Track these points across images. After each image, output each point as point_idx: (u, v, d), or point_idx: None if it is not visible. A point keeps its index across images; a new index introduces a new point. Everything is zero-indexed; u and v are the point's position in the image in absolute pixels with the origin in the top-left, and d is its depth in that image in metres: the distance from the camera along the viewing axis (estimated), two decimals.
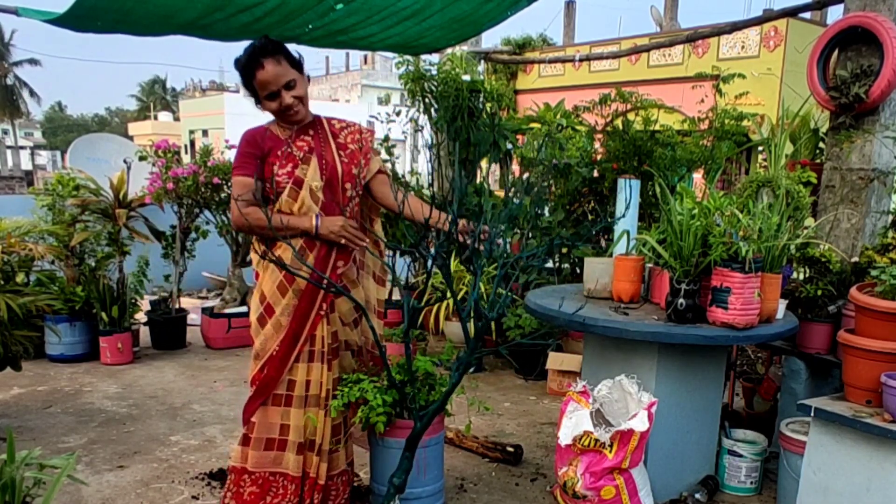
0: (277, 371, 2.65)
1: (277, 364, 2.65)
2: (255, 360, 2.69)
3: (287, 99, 2.57)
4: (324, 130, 2.75)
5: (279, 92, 2.56)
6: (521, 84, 11.14)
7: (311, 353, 2.68)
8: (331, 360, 2.72)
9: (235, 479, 2.72)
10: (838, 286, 3.30)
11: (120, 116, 58.17)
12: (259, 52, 2.55)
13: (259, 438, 2.68)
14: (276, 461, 2.69)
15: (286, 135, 2.67)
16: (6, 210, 5.16)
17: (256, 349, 2.69)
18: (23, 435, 3.74)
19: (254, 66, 2.54)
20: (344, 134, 2.78)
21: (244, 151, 2.64)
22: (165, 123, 35.80)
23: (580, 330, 3.10)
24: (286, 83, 2.56)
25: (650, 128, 5.09)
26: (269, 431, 2.68)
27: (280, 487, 2.70)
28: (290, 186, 2.61)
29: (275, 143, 2.65)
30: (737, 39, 8.77)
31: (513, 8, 4.28)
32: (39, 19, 3.49)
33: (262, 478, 2.69)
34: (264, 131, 2.68)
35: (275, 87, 2.55)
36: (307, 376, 2.68)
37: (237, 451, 2.73)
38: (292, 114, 2.62)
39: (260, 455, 2.68)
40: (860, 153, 3.54)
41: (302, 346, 2.66)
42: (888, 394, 2.40)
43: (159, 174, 5.49)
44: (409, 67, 5.58)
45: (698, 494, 3.13)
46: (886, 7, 3.41)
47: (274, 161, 2.62)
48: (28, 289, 4.22)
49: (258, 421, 2.67)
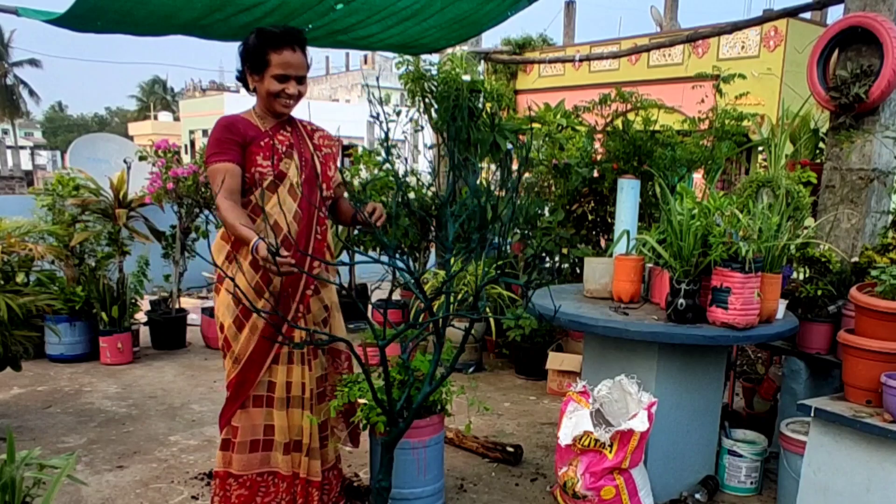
0: (254, 373, 2.59)
1: (254, 366, 2.59)
2: (235, 363, 2.61)
3: (292, 89, 2.55)
4: (300, 129, 2.72)
5: (289, 79, 2.54)
6: (521, 84, 11.16)
7: (289, 355, 2.63)
8: (311, 359, 2.68)
9: (220, 483, 2.68)
10: (838, 286, 3.30)
11: (120, 116, 58.20)
12: (296, 36, 2.54)
13: (244, 442, 2.63)
14: (263, 461, 2.66)
15: (266, 126, 2.60)
16: (6, 210, 5.16)
17: (237, 353, 2.59)
18: (23, 435, 3.74)
19: (286, 43, 2.50)
20: (317, 136, 2.75)
21: (225, 137, 2.52)
22: (165, 123, 35.82)
23: (580, 330, 3.10)
24: (300, 77, 2.56)
25: (650, 128, 5.09)
26: (254, 433, 2.64)
27: (271, 486, 2.67)
28: (272, 180, 2.54)
29: (256, 133, 2.57)
30: (737, 39, 8.78)
31: (513, 8, 4.29)
32: (39, 19, 3.50)
33: (251, 480, 2.65)
34: (242, 120, 2.60)
35: (292, 73, 2.53)
36: (287, 378, 2.63)
37: (219, 457, 2.68)
38: (286, 105, 2.58)
39: (246, 458, 2.64)
40: (860, 153, 3.54)
41: (279, 348, 2.60)
42: (888, 394, 2.40)
43: (159, 174, 5.48)
44: (409, 67, 5.58)
45: (698, 494, 3.13)
46: (886, 7, 3.41)
47: (257, 151, 2.54)
48: (28, 289, 4.22)
49: (241, 425, 2.62)
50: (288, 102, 2.58)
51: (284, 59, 2.50)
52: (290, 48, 2.51)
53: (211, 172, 2.52)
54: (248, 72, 2.57)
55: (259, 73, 2.54)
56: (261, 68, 2.53)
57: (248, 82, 2.60)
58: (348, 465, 3.46)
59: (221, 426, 2.68)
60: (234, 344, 2.60)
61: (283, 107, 2.58)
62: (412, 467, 2.83)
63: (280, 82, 2.52)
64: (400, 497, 2.84)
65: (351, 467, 3.45)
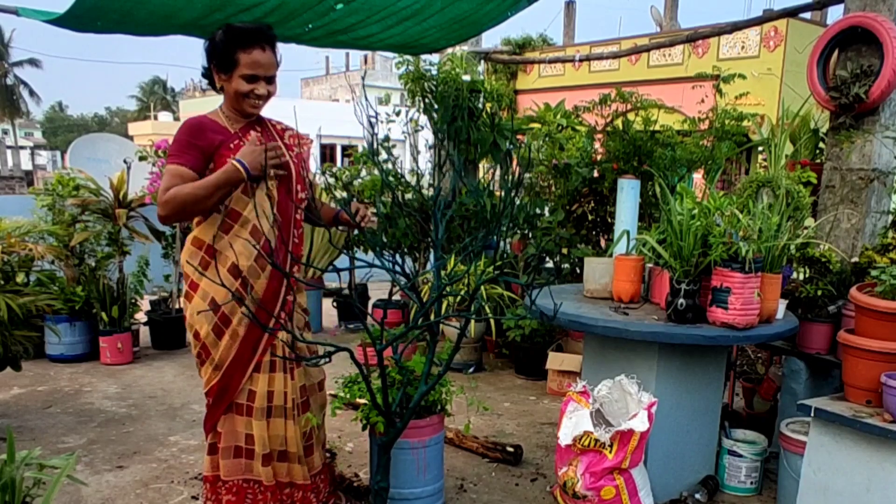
0: (237, 380, 2.53)
1: (236, 372, 2.53)
2: (216, 370, 2.54)
3: (261, 89, 2.46)
4: (269, 129, 2.64)
5: (259, 80, 2.45)
6: (521, 84, 11.16)
7: (272, 364, 2.56)
8: (292, 368, 2.61)
9: (210, 488, 2.65)
10: (838, 286, 3.30)
11: (120, 116, 58.17)
12: (266, 34, 2.46)
13: (227, 447, 2.59)
14: (247, 469, 2.62)
15: (235, 128, 2.51)
16: (6, 210, 5.17)
17: (217, 360, 2.52)
18: (23, 435, 3.74)
19: (254, 42, 2.41)
20: (287, 135, 2.67)
21: (187, 141, 2.41)
22: (165, 123, 35.72)
23: (580, 330, 3.10)
24: (269, 77, 2.48)
25: (650, 128, 5.09)
26: (236, 440, 2.59)
27: (258, 494, 2.63)
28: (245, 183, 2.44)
29: (225, 136, 2.47)
30: (737, 39, 8.79)
31: (513, 8, 4.29)
32: (39, 19, 3.50)
33: (237, 486, 2.62)
34: (211, 122, 2.49)
35: (261, 73, 2.44)
36: (269, 387, 2.56)
37: (207, 461, 2.64)
38: (254, 105, 2.50)
39: (231, 463, 2.60)
40: (860, 153, 3.54)
41: (261, 356, 2.54)
42: (888, 394, 2.40)
43: (159, 174, 5.48)
44: (409, 67, 5.58)
45: (698, 494, 3.13)
46: (886, 7, 3.41)
47: (226, 153, 2.43)
48: (28, 289, 4.22)
49: (224, 430, 2.58)
50: (257, 103, 2.50)
51: (254, 59, 2.40)
52: (259, 47, 2.41)
53: (165, 172, 2.46)
54: (216, 70, 2.47)
55: (227, 73, 2.44)
56: (229, 67, 2.43)
57: (215, 81, 2.49)
58: (348, 465, 3.46)
59: (207, 431, 2.63)
60: (213, 351, 2.54)
61: (252, 107, 2.50)
62: (412, 467, 2.83)
63: (249, 82, 2.43)
64: (400, 497, 2.84)
65: (351, 467, 3.45)
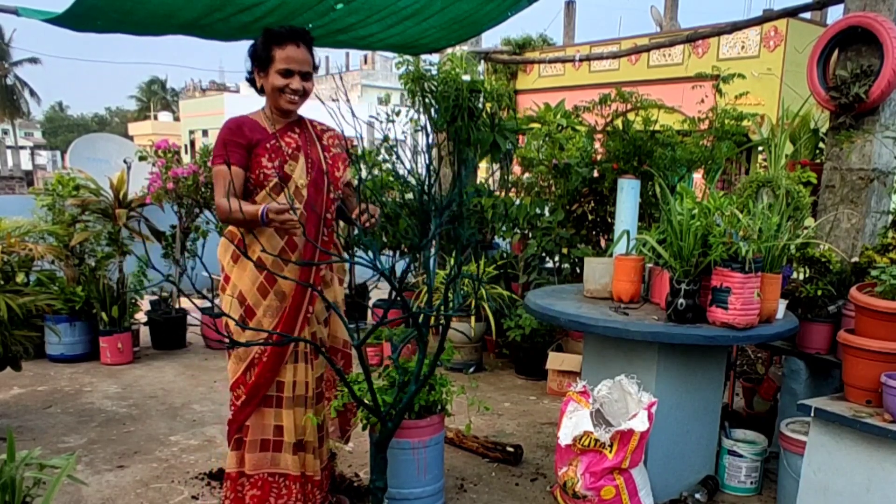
0: (269, 376, 2.61)
1: (268, 369, 2.60)
2: (239, 361, 2.63)
3: (296, 84, 2.56)
4: (309, 130, 2.73)
5: (293, 74, 2.55)
6: (521, 84, 11.16)
7: (295, 354, 2.66)
8: (312, 359, 2.71)
9: (232, 485, 2.68)
10: (838, 286, 3.30)
11: (120, 116, 58.16)
12: (301, 34, 2.58)
13: (254, 441, 2.65)
14: (274, 462, 2.67)
15: (274, 128, 2.62)
16: (6, 210, 5.16)
17: (240, 351, 2.61)
18: (23, 435, 3.74)
19: (291, 39, 2.53)
20: (326, 136, 2.76)
21: (230, 140, 2.55)
22: (165, 123, 35.78)
23: (580, 330, 3.10)
24: (305, 73, 2.58)
25: (650, 128, 5.09)
26: (264, 433, 2.65)
27: (283, 488, 2.67)
28: (276, 182, 2.56)
29: (263, 136, 2.59)
30: (737, 39, 8.78)
31: (513, 8, 4.28)
32: (39, 19, 3.49)
33: (262, 479, 2.66)
34: (251, 122, 2.62)
35: (296, 68, 2.55)
36: (294, 377, 2.66)
37: (231, 457, 2.68)
38: (291, 101, 2.58)
39: (257, 457, 2.65)
40: (860, 153, 3.54)
41: (289, 347, 2.63)
42: (888, 394, 2.40)
43: (159, 174, 5.48)
44: (409, 67, 5.58)
45: (698, 494, 3.13)
46: (886, 7, 3.41)
47: (262, 153, 2.56)
48: (28, 289, 4.22)
49: (252, 423, 2.64)
50: (293, 98, 2.58)
51: (287, 54, 2.52)
52: (293, 43, 2.54)
53: (213, 174, 2.59)
54: (256, 71, 2.60)
55: (264, 70, 2.57)
56: (266, 64, 2.56)
57: (256, 81, 2.62)
58: (348, 465, 3.46)
59: (234, 429, 2.67)
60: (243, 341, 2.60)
61: (289, 103, 2.59)
62: (412, 467, 2.83)
63: (284, 77, 2.54)
64: (400, 497, 2.84)
65: (351, 467, 3.45)
